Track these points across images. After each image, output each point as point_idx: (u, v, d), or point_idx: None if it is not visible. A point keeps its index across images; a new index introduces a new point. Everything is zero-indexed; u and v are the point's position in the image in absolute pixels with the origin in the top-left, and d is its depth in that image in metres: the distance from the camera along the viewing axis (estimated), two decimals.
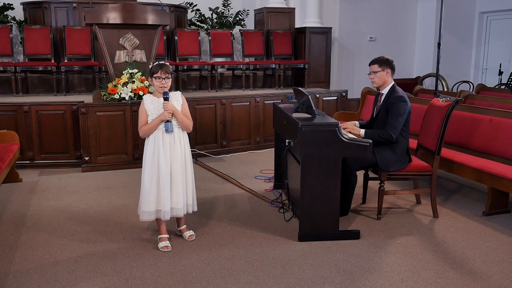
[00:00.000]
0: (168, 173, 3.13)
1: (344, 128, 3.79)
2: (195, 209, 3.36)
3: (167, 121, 3.13)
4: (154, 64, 3.16)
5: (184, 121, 3.20)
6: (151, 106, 3.16)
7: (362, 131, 3.75)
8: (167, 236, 3.30)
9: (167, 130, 3.13)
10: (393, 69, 3.81)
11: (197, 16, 8.33)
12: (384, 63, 3.79)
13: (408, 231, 3.56)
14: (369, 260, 3.08)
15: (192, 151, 3.51)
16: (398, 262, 3.05)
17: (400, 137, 3.72)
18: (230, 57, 7.55)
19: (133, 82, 5.35)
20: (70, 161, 5.50)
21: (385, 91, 3.83)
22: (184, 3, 8.10)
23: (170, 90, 3.20)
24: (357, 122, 4.01)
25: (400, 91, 3.77)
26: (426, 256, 3.14)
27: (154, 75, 3.12)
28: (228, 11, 8.43)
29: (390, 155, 3.71)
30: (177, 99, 3.23)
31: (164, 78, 3.12)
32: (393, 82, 3.84)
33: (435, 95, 4.95)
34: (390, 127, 3.67)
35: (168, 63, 3.19)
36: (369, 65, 3.87)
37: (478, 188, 4.68)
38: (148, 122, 3.15)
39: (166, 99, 3.13)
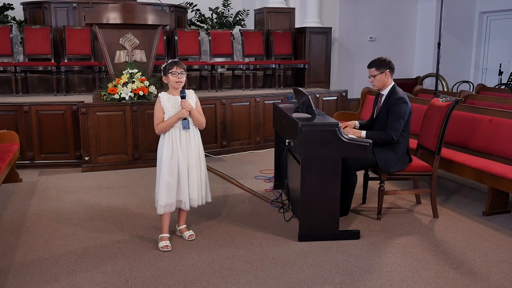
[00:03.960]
0: (186, 168, 3.22)
1: (344, 128, 3.78)
2: (209, 199, 3.45)
3: (184, 118, 3.19)
4: (168, 62, 3.24)
5: (199, 119, 3.28)
6: (168, 103, 3.22)
7: (363, 133, 3.72)
8: (168, 235, 3.31)
9: (184, 127, 3.20)
10: (392, 69, 3.78)
11: (197, 16, 8.33)
12: (381, 65, 3.75)
13: (408, 231, 3.57)
14: (369, 260, 3.08)
15: None
16: (398, 262, 3.05)
17: (400, 137, 3.70)
18: (230, 57, 7.54)
19: (133, 82, 5.35)
20: (70, 161, 5.50)
21: (385, 92, 3.81)
22: (184, 3, 8.10)
23: (183, 87, 3.27)
24: (357, 122, 3.99)
25: (400, 92, 3.75)
26: (426, 256, 3.14)
27: (170, 71, 3.19)
28: (228, 11, 8.43)
29: (391, 156, 3.69)
30: (191, 97, 3.31)
31: (179, 73, 3.19)
32: (393, 83, 3.81)
33: (435, 95, 4.95)
34: (391, 129, 3.64)
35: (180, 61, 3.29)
36: (367, 68, 3.84)
37: (478, 188, 4.68)
38: (165, 119, 3.21)
39: (183, 97, 3.19)
